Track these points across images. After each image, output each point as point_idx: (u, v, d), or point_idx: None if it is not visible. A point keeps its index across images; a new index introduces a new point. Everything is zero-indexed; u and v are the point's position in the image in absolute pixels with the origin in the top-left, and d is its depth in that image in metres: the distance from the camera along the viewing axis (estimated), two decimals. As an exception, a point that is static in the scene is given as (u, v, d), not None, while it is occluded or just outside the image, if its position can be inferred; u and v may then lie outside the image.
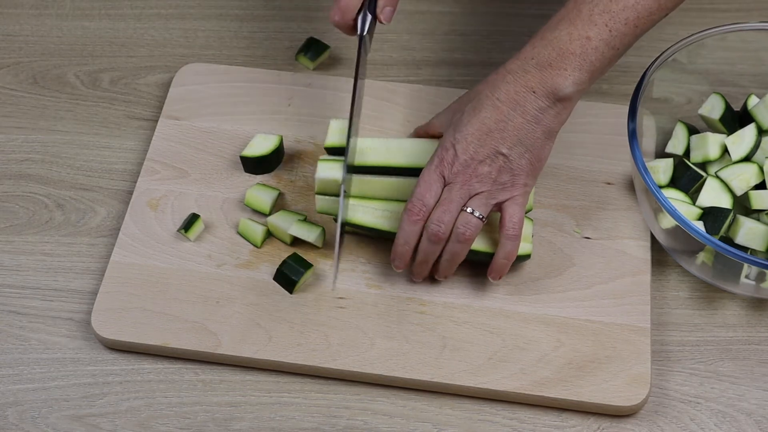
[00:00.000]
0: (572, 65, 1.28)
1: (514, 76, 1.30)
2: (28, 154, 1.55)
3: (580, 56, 1.28)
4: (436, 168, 1.33)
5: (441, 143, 1.34)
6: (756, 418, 1.33)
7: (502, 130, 1.31)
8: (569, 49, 1.28)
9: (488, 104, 1.31)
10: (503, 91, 1.31)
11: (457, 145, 1.32)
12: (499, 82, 1.31)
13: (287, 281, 1.39)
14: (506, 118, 1.30)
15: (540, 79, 1.29)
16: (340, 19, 1.37)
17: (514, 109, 1.30)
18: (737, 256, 1.27)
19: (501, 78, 1.32)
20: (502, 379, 1.32)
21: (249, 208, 1.47)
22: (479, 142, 1.31)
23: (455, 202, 1.32)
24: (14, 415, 1.34)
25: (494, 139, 1.31)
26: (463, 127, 1.32)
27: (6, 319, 1.41)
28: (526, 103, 1.30)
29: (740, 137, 1.42)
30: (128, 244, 1.43)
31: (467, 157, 1.31)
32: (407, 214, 1.33)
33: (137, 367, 1.37)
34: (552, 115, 1.31)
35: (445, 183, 1.33)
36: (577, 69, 1.28)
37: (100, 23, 1.69)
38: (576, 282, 1.40)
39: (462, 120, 1.33)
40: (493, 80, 1.33)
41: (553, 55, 1.29)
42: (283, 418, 1.33)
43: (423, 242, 1.34)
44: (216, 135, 1.53)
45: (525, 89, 1.30)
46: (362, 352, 1.35)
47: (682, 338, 1.38)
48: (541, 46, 1.30)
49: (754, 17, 1.64)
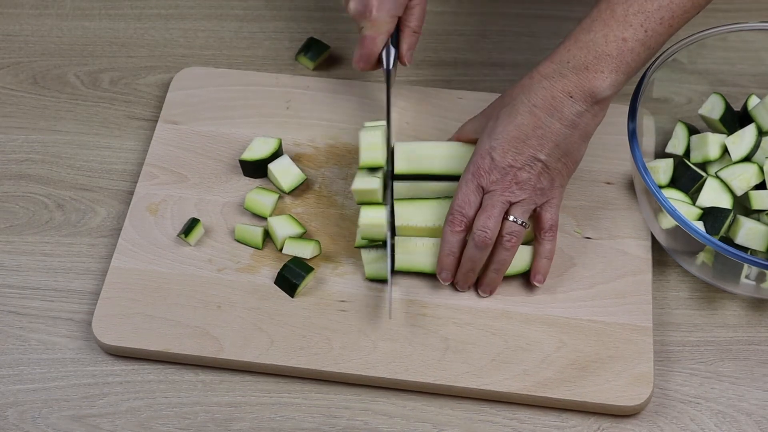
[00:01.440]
0: (609, 67, 1.27)
1: (549, 81, 1.29)
2: (28, 154, 1.55)
3: (616, 58, 1.27)
4: (473, 178, 1.32)
5: (476, 151, 1.33)
6: (756, 418, 1.33)
7: (539, 137, 1.30)
8: (605, 51, 1.27)
9: (524, 110, 1.30)
10: (539, 96, 1.30)
11: (493, 152, 1.31)
12: (534, 87, 1.30)
13: (288, 285, 1.39)
14: (544, 124, 1.30)
15: (577, 82, 1.28)
16: (364, 66, 1.43)
17: (552, 114, 1.29)
18: (737, 256, 1.28)
19: (536, 83, 1.30)
20: (505, 381, 1.32)
21: (249, 212, 1.46)
22: (516, 149, 1.31)
23: (497, 208, 1.32)
24: (14, 415, 1.34)
25: (531, 146, 1.30)
26: (498, 134, 1.31)
27: (6, 320, 1.41)
28: (563, 107, 1.29)
29: (740, 137, 1.42)
30: (128, 249, 1.43)
31: (505, 165, 1.31)
32: (449, 225, 1.34)
33: (137, 367, 1.37)
34: (589, 118, 1.30)
35: (484, 191, 1.33)
36: (614, 71, 1.28)
37: (100, 23, 1.69)
38: (577, 282, 1.40)
39: (497, 126, 1.32)
40: (527, 85, 1.31)
41: (589, 57, 1.28)
42: (283, 418, 1.33)
43: (469, 250, 1.34)
44: (214, 139, 1.53)
45: (562, 94, 1.29)
46: (365, 355, 1.35)
47: (683, 338, 1.38)
48: (576, 49, 1.29)
49: (754, 17, 1.64)
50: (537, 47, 1.64)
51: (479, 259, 1.35)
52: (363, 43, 1.43)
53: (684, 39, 1.43)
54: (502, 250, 1.35)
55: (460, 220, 1.33)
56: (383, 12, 1.41)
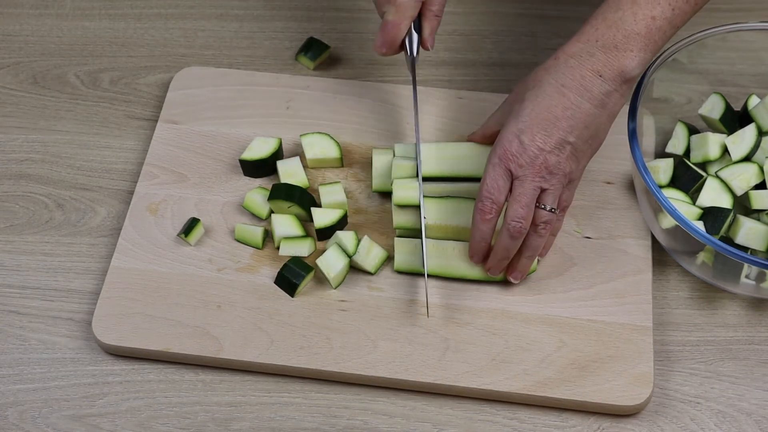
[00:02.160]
0: (638, 46, 1.27)
1: (577, 60, 1.29)
2: (28, 154, 1.55)
3: (645, 36, 1.27)
4: (501, 162, 1.30)
5: (503, 134, 1.30)
6: (756, 418, 1.33)
7: (569, 118, 1.28)
8: (634, 30, 1.27)
9: (552, 91, 1.29)
10: (568, 76, 1.28)
11: (522, 135, 1.29)
12: (562, 67, 1.29)
13: (288, 285, 1.39)
14: (573, 105, 1.28)
15: (606, 61, 1.28)
16: (387, 51, 1.39)
17: (582, 95, 1.28)
18: (737, 256, 1.28)
19: (563, 63, 1.29)
20: (505, 380, 1.32)
21: (248, 211, 1.46)
22: (546, 131, 1.28)
23: (529, 196, 1.30)
24: (14, 415, 1.34)
25: (561, 128, 1.29)
26: (526, 116, 1.29)
27: (6, 319, 1.41)
28: (593, 87, 1.28)
29: (740, 137, 1.43)
30: (128, 249, 1.43)
31: (534, 148, 1.29)
32: (479, 213, 1.31)
33: (137, 367, 1.37)
34: (617, 98, 1.30)
35: (513, 176, 1.30)
36: (642, 49, 1.28)
37: (100, 23, 1.69)
38: (577, 282, 1.40)
39: (524, 109, 1.30)
40: (553, 66, 1.30)
41: (618, 36, 1.28)
42: (283, 418, 1.33)
43: (503, 239, 1.32)
44: (215, 139, 1.53)
45: (591, 73, 1.28)
46: (365, 354, 1.35)
47: (683, 338, 1.38)
48: (604, 28, 1.28)
49: (754, 17, 1.64)
50: (537, 47, 1.64)
51: (514, 248, 1.33)
52: (386, 29, 1.39)
53: (684, 39, 1.43)
54: (536, 237, 1.33)
55: (490, 207, 1.30)
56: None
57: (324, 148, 1.49)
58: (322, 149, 1.49)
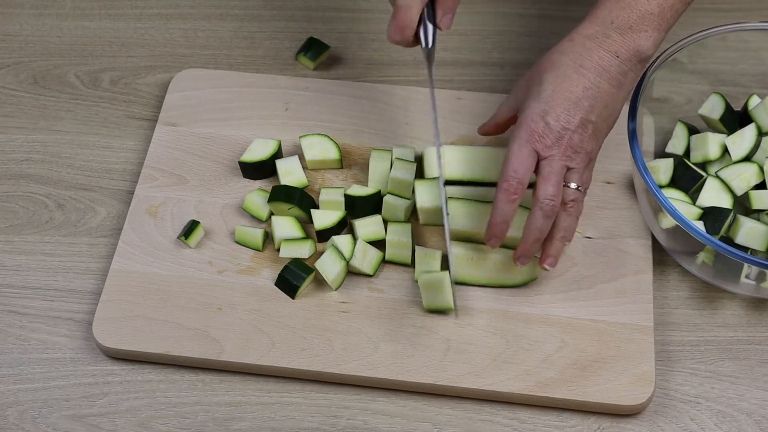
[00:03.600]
0: (652, 25, 1.30)
1: (594, 41, 1.30)
2: (28, 154, 1.55)
3: (658, 16, 1.30)
4: (527, 142, 1.29)
5: (525, 116, 1.30)
6: (756, 418, 1.33)
7: (590, 98, 1.29)
8: (648, 10, 1.30)
9: (572, 72, 1.30)
10: (586, 57, 1.30)
11: (547, 116, 1.29)
12: (578, 49, 1.30)
13: (289, 286, 1.38)
14: (593, 85, 1.29)
15: (622, 42, 1.30)
16: (400, 38, 1.35)
17: (600, 75, 1.29)
18: (737, 256, 1.28)
19: (579, 44, 1.31)
20: (506, 381, 1.32)
21: (248, 213, 1.46)
22: (569, 111, 1.29)
23: (558, 175, 1.30)
24: (14, 415, 1.34)
25: (583, 108, 1.29)
26: (548, 97, 1.30)
27: (6, 319, 1.41)
28: (611, 68, 1.30)
29: (740, 137, 1.43)
30: (128, 252, 1.43)
31: (560, 128, 1.29)
32: (503, 193, 1.30)
33: (137, 367, 1.37)
34: (632, 77, 1.32)
35: (539, 157, 1.30)
36: (656, 29, 1.30)
37: (100, 23, 1.69)
38: (578, 282, 1.40)
39: (544, 90, 1.30)
40: (569, 47, 1.31)
41: (633, 17, 1.30)
42: (283, 418, 1.33)
43: (537, 220, 1.31)
44: (214, 141, 1.53)
45: (609, 54, 1.30)
46: (366, 356, 1.35)
47: (683, 338, 1.38)
48: (618, 9, 1.30)
49: (754, 17, 1.64)
50: (537, 47, 1.64)
51: (547, 228, 1.32)
52: (397, 14, 1.34)
53: (684, 39, 1.43)
54: (566, 217, 1.33)
55: (516, 186, 1.29)
56: None
57: (323, 149, 1.49)
58: (322, 150, 1.49)
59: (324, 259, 1.38)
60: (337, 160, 1.49)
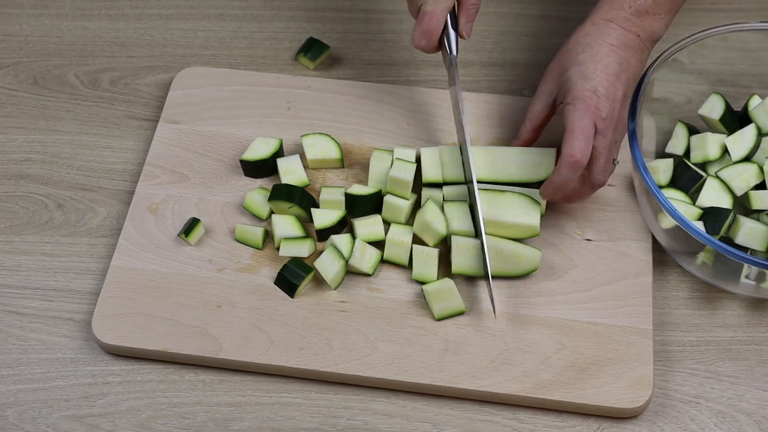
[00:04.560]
0: (665, 9, 1.39)
1: (617, 23, 1.38)
2: (28, 154, 1.55)
3: (671, 0, 1.38)
4: (586, 113, 1.34)
5: (575, 94, 1.35)
6: (756, 418, 1.33)
7: (625, 71, 1.38)
8: None
9: (605, 50, 1.37)
10: (614, 36, 1.38)
11: (597, 91, 1.35)
12: (604, 30, 1.38)
13: (288, 285, 1.39)
14: (625, 60, 1.37)
15: (640, 25, 1.38)
16: (426, 44, 1.39)
17: (628, 52, 1.37)
18: (737, 256, 1.28)
19: (604, 26, 1.39)
20: (504, 382, 1.32)
21: (248, 211, 1.46)
22: (613, 85, 1.36)
23: (609, 149, 1.36)
24: (14, 415, 1.34)
25: (621, 81, 1.37)
26: (592, 74, 1.35)
27: (6, 320, 1.41)
28: (635, 46, 1.39)
29: (740, 137, 1.42)
30: (128, 249, 1.43)
31: (611, 101, 1.35)
32: (571, 161, 1.33)
33: (137, 367, 1.37)
34: (646, 56, 1.42)
35: (596, 130, 1.34)
36: (668, 12, 1.39)
37: (100, 23, 1.69)
38: (578, 284, 1.40)
39: (586, 69, 1.36)
40: (594, 30, 1.38)
41: (649, 2, 1.39)
42: (283, 418, 1.33)
43: (585, 190, 1.38)
44: (215, 139, 1.53)
45: (631, 34, 1.38)
46: (364, 355, 1.35)
47: (682, 338, 1.38)
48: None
49: (754, 17, 1.64)
50: (537, 47, 1.64)
51: (587, 197, 1.40)
52: (423, 20, 1.38)
53: (684, 39, 1.43)
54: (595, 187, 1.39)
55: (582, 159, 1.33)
56: None
57: (324, 148, 1.49)
58: (323, 150, 1.49)
59: (323, 259, 1.38)
60: (338, 159, 1.49)
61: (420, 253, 1.39)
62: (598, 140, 1.34)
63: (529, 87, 1.59)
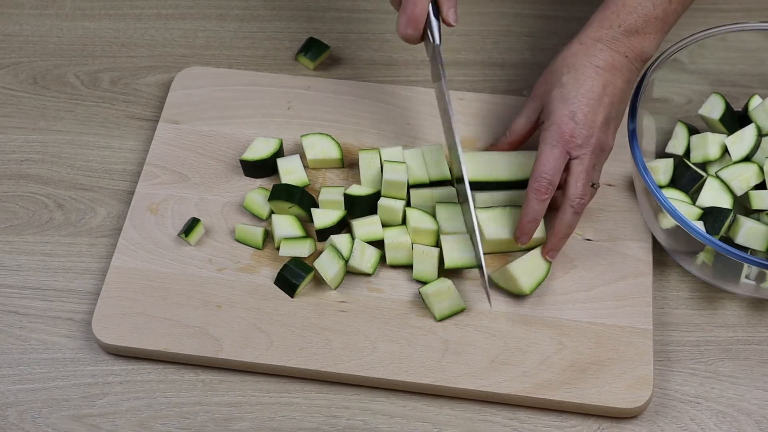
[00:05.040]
0: (655, 29, 1.37)
1: (605, 43, 1.36)
2: (28, 154, 1.55)
3: (662, 20, 1.37)
4: (558, 143, 1.34)
5: (553, 119, 1.35)
6: (756, 418, 1.33)
7: (609, 95, 1.36)
8: (653, 14, 1.37)
9: (590, 72, 1.35)
10: (600, 58, 1.36)
11: (575, 117, 1.34)
12: (591, 50, 1.37)
13: (288, 285, 1.39)
14: (610, 83, 1.35)
15: (629, 45, 1.36)
16: (413, 31, 1.37)
17: (614, 74, 1.35)
18: (737, 256, 1.28)
19: (591, 46, 1.37)
20: (504, 382, 1.32)
21: (248, 211, 1.46)
22: (594, 111, 1.34)
23: (587, 173, 1.35)
24: (14, 415, 1.34)
25: (604, 105, 1.35)
26: (573, 98, 1.35)
27: (6, 319, 1.41)
28: (622, 67, 1.37)
29: (740, 137, 1.43)
30: (128, 249, 1.43)
31: (588, 128, 1.34)
32: (535, 193, 1.34)
33: (137, 367, 1.37)
34: (636, 75, 1.40)
35: (570, 156, 1.34)
36: (659, 32, 1.37)
37: (100, 23, 1.69)
38: (578, 284, 1.40)
39: (568, 92, 1.35)
40: (581, 50, 1.37)
41: (639, 21, 1.37)
42: (283, 418, 1.33)
43: (567, 217, 1.36)
44: (216, 139, 1.53)
45: (619, 54, 1.36)
46: (364, 355, 1.35)
47: (682, 338, 1.38)
48: (625, 13, 1.37)
49: (754, 17, 1.64)
50: (537, 47, 1.64)
51: (575, 224, 1.37)
52: (406, 7, 1.36)
53: (684, 39, 1.43)
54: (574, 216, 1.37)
55: (546, 187, 1.34)
56: None
57: (325, 148, 1.49)
58: (323, 150, 1.49)
59: (322, 259, 1.38)
60: (338, 159, 1.49)
61: (420, 252, 1.39)
62: (574, 165, 1.34)
63: (529, 87, 1.59)
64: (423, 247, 1.39)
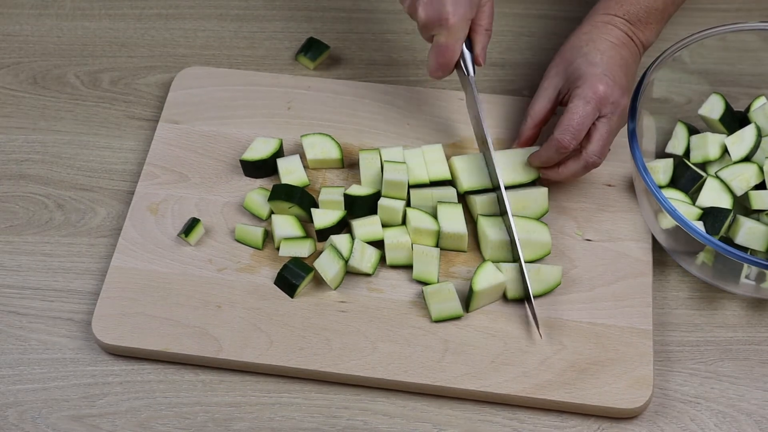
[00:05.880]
0: (656, 19, 1.45)
1: (612, 25, 1.44)
2: (28, 154, 1.55)
3: (662, 11, 1.43)
4: (592, 99, 1.37)
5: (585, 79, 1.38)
6: (756, 418, 1.33)
7: (625, 65, 1.42)
8: (654, 6, 1.44)
9: (606, 46, 1.42)
10: (613, 35, 1.43)
11: (606, 76, 1.37)
12: (603, 29, 1.43)
13: (288, 285, 1.39)
14: (624, 56, 1.42)
15: (633, 31, 1.44)
16: (442, 75, 1.42)
17: (626, 50, 1.43)
18: (737, 256, 1.27)
19: (601, 26, 1.43)
20: (504, 383, 1.32)
21: (248, 211, 1.46)
22: (621, 74, 1.39)
23: (611, 134, 1.39)
24: (14, 415, 1.34)
25: (624, 73, 1.41)
26: (600, 62, 1.40)
27: (6, 320, 1.41)
28: (630, 45, 1.44)
29: (740, 137, 1.42)
30: (128, 249, 1.43)
31: (620, 88, 1.38)
32: (558, 143, 1.37)
33: (137, 367, 1.37)
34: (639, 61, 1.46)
35: (599, 114, 1.37)
36: (660, 21, 1.46)
37: (100, 23, 1.69)
38: (578, 284, 1.40)
39: (593, 57, 1.41)
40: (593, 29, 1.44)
41: (641, 12, 1.44)
42: (283, 418, 1.33)
43: (576, 167, 1.40)
44: (216, 139, 1.53)
45: (626, 36, 1.44)
46: (364, 356, 1.35)
47: (682, 338, 1.38)
48: (628, 4, 1.44)
49: (754, 17, 1.64)
50: (537, 47, 1.64)
51: (579, 176, 1.43)
52: (439, 52, 1.39)
53: (684, 39, 1.43)
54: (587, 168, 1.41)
55: (569, 141, 1.37)
56: (458, 17, 1.37)
57: (325, 148, 1.49)
58: (323, 150, 1.49)
59: (322, 259, 1.38)
60: (338, 159, 1.49)
61: (420, 252, 1.39)
62: (601, 123, 1.37)
63: (529, 87, 1.59)
64: (423, 247, 1.39)
